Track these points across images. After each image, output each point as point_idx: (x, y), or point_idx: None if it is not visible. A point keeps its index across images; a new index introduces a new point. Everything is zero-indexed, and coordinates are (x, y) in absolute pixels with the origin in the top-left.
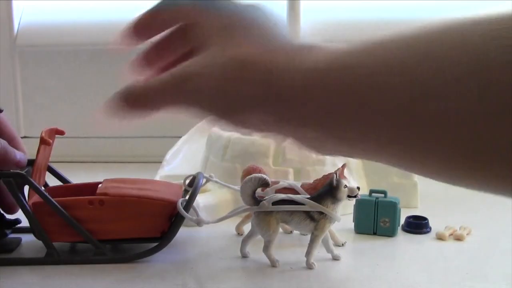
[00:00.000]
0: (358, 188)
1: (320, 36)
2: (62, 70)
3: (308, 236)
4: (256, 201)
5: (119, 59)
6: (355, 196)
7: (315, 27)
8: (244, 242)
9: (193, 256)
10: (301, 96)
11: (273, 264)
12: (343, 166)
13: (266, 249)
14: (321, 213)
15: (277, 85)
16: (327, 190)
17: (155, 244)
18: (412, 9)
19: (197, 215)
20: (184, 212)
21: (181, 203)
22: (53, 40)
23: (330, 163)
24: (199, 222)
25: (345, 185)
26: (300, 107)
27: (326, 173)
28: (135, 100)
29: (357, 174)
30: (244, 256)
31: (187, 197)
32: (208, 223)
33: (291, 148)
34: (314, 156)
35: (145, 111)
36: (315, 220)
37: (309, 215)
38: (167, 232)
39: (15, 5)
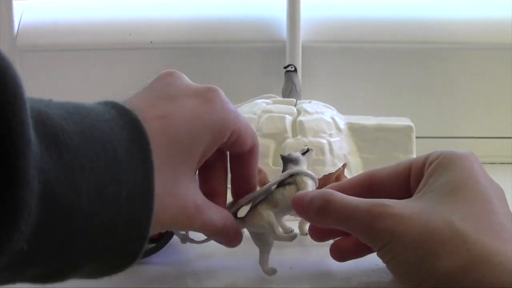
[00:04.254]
0: (308, 148)
1: (320, 35)
2: (62, 69)
3: (308, 237)
4: (239, 219)
5: (121, 59)
6: (307, 151)
7: (314, 26)
8: (262, 261)
9: (193, 256)
10: None
11: (292, 238)
12: (344, 165)
13: (273, 233)
14: (292, 176)
15: (476, 278)
16: (284, 163)
17: (153, 245)
18: (413, 8)
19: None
20: None
21: None
22: (54, 40)
23: (330, 163)
24: (183, 240)
25: (294, 151)
26: None
27: (326, 173)
28: (319, 211)
29: (357, 174)
30: (272, 274)
31: None
32: (192, 242)
33: (291, 148)
34: (314, 156)
35: (327, 224)
36: (293, 183)
37: (285, 184)
38: (165, 233)
39: (15, 5)
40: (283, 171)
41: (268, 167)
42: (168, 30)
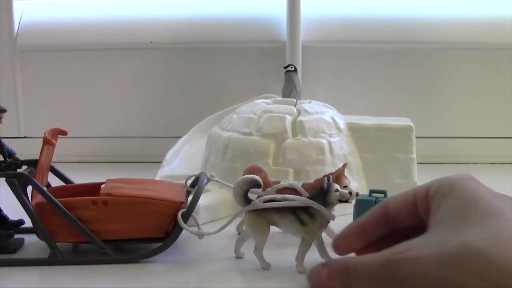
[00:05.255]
0: (350, 193)
1: (320, 35)
2: (62, 69)
3: None
4: (248, 201)
5: (121, 59)
6: (346, 201)
7: (314, 25)
8: (238, 243)
9: (195, 255)
10: None
11: (264, 266)
12: (344, 165)
13: (256, 251)
14: (311, 217)
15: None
16: (319, 193)
17: (159, 244)
18: (413, 8)
19: (198, 227)
20: (185, 225)
21: (181, 213)
22: (53, 40)
23: (330, 163)
24: (199, 235)
25: (336, 189)
26: None
27: (327, 173)
28: (344, 282)
29: (357, 174)
30: (238, 257)
31: (190, 198)
32: (208, 234)
33: (291, 149)
34: (314, 156)
35: None
36: (305, 224)
37: (298, 218)
38: (172, 232)
39: (15, 5)
40: (312, 195)
41: (268, 167)
42: (168, 30)
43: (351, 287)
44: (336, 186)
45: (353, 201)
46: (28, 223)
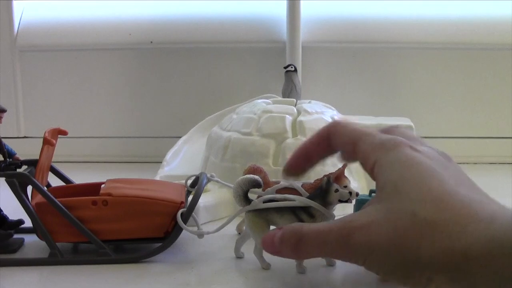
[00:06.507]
0: (350, 193)
1: (320, 35)
2: (62, 70)
3: None
4: (248, 201)
5: (121, 59)
6: (346, 201)
7: (314, 25)
8: (238, 243)
9: (194, 255)
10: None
11: (264, 266)
12: (344, 166)
13: (256, 251)
14: (311, 217)
15: (462, 251)
16: (318, 193)
17: (159, 244)
18: (412, 8)
19: (198, 227)
20: (184, 225)
21: (181, 213)
22: (54, 40)
23: (330, 163)
24: (199, 235)
25: (336, 189)
26: (486, 275)
27: (327, 173)
28: (296, 248)
29: (357, 174)
30: (238, 257)
31: (190, 198)
32: (208, 233)
33: (291, 148)
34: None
35: (305, 257)
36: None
37: (298, 218)
38: (171, 232)
39: (15, 5)
40: (311, 195)
41: (268, 167)
42: (168, 30)
43: (301, 253)
44: (336, 186)
45: (353, 201)
46: (28, 223)
